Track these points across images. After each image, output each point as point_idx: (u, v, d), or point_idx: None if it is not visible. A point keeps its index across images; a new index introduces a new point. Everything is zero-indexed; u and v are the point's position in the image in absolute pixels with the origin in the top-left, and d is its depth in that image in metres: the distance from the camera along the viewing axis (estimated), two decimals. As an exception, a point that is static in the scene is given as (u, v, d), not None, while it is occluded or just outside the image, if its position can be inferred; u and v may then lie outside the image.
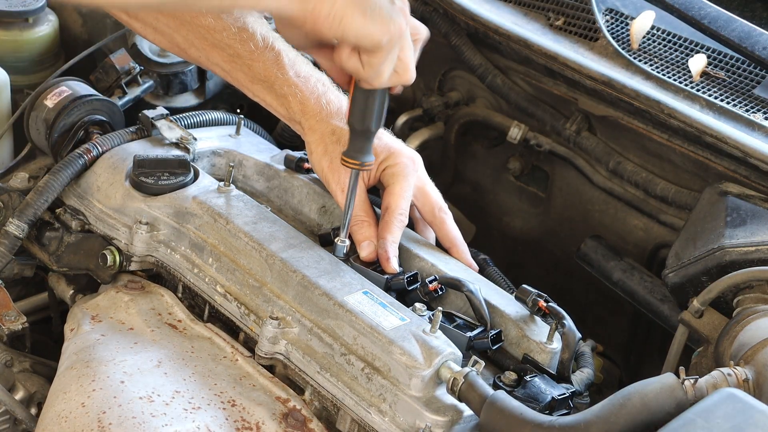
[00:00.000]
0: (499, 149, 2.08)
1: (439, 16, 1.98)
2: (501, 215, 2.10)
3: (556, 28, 1.89)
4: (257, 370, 1.41)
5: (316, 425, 1.34)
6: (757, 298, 1.40)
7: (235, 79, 1.54)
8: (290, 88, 1.52)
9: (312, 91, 1.53)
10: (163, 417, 1.28)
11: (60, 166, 1.58)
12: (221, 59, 1.51)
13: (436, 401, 1.27)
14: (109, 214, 1.56)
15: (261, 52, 1.50)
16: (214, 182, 1.56)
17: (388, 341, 1.29)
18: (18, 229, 1.54)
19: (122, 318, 1.48)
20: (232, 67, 1.52)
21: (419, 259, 1.52)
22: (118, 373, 1.34)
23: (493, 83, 1.95)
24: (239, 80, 1.54)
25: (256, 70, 1.51)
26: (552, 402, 1.31)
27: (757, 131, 1.62)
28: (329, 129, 1.51)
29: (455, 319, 1.43)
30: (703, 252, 1.51)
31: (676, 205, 1.76)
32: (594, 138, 1.86)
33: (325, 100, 1.53)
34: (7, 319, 1.54)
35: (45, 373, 1.58)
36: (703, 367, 1.40)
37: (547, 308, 1.41)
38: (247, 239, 1.45)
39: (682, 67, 1.77)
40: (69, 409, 1.30)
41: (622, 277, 1.74)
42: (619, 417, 1.15)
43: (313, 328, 1.36)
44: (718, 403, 1.11)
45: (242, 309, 1.43)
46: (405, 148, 1.57)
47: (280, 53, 1.51)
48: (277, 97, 1.53)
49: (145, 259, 1.54)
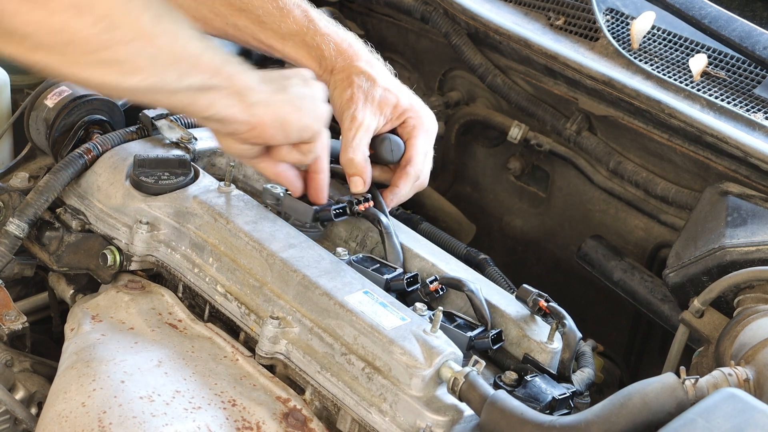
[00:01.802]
0: (499, 149, 2.08)
1: (439, 15, 1.98)
2: (501, 215, 2.10)
3: (557, 27, 1.89)
4: (258, 369, 1.41)
5: (317, 425, 1.34)
6: (757, 297, 1.40)
7: (263, 41, 1.59)
8: (323, 37, 1.58)
9: (343, 39, 1.60)
10: (163, 417, 1.28)
11: (60, 165, 1.58)
12: (249, 21, 1.57)
13: (436, 401, 1.26)
14: (109, 213, 1.56)
15: (290, 9, 1.57)
16: (215, 182, 1.56)
17: (388, 341, 1.29)
18: (18, 228, 1.54)
19: (122, 318, 1.48)
20: (261, 28, 1.57)
21: (420, 259, 1.52)
22: (119, 373, 1.34)
23: (494, 83, 1.95)
24: (268, 41, 1.59)
25: (286, 27, 1.57)
26: (552, 402, 1.31)
27: (757, 131, 1.62)
28: (358, 69, 1.57)
29: (456, 318, 1.43)
30: (704, 252, 1.50)
31: (677, 205, 1.76)
32: (594, 138, 1.86)
33: (357, 47, 1.61)
34: (7, 319, 1.54)
35: (45, 372, 1.58)
36: (703, 366, 1.40)
37: (547, 308, 1.41)
38: (248, 239, 1.44)
39: (682, 67, 1.77)
40: (69, 408, 1.30)
41: (622, 277, 1.74)
42: (619, 417, 1.15)
43: (314, 328, 1.36)
44: (719, 403, 1.11)
45: (243, 309, 1.43)
46: (424, 106, 1.63)
47: (307, 9, 1.59)
48: (309, 49, 1.58)
49: (145, 258, 1.54)
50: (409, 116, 1.59)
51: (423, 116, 1.61)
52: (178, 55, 1.23)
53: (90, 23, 1.13)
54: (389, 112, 1.57)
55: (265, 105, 1.34)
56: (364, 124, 1.54)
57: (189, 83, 1.26)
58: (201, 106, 1.30)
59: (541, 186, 2.04)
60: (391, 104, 1.56)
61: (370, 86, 1.56)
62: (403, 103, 1.58)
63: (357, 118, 1.54)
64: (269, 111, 1.35)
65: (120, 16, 1.16)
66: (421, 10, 2.00)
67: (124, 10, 1.16)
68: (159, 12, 1.21)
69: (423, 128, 1.60)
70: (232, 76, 1.30)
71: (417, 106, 1.61)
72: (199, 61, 1.26)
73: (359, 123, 1.53)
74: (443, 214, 2.00)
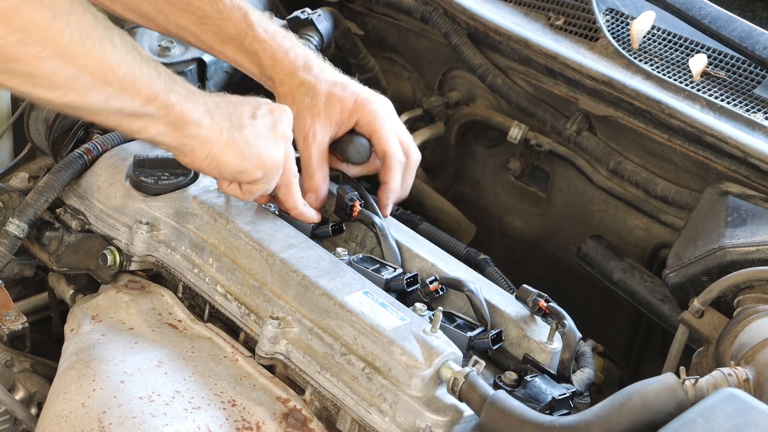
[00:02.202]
0: (499, 149, 2.08)
1: (439, 15, 1.98)
2: (501, 215, 2.10)
3: (557, 27, 1.88)
4: (257, 370, 1.41)
5: (317, 425, 1.34)
6: (757, 298, 1.40)
7: (205, 43, 1.56)
8: (260, 44, 1.55)
9: (280, 46, 1.56)
10: (163, 417, 1.28)
11: (60, 166, 1.58)
12: (190, 22, 1.54)
13: (436, 401, 1.26)
14: (109, 213, 1.56)
15: (230, 12, 1.53)
16: (214, 182, 1.56)
17: (388, 341, 1.29)
18: (18, 229, 1.54)
19: (122, 318, 1.48)
20: (202, 30, 1.54)
21: (419, 259, 1.52)
22: (119, 373, 1.34)
23: (494, 83, 1.95)
24: (209, 42, 1.56)
25: (226, 30, 1.54)
26: (552, 402, 1.31)
27: (757, 131, 1.62)
28: (298, 81, 1.55)
29: (456, 319, 1.43)
30: (704, 252, 1.50)
31: (677, 205, 1.76)
32: (594, 138, 1.86)
33: (293, 54, 1.56)
34: (7, 319, 1.54)
35: (45, 373, 1.58)
36: (703, 367, 1.40)
37: (547, 308, 1.41)
38: (248, 239, 1.44)
39: (682, 67, 1.77)
40: (69, 409, 1.30)
41: (622, 277, 1.74)
42: (619, 417, 1.15)
43: (314, 328, 1.36)
44: (719, 403, 1.11)
45: (242, 309, 1.43)
46: (372, 94, 1.60)
47: (247, 12, 1.55)
48: (248, 54, 1.56)
49: (145, 259, 1.54)
50: (361, 114, 1.57)
51: (373, 106, 1.58)
52: (103, 78, 1.18)
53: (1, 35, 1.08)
54: (338, 117, 1.55)
55: (202, 141, 1.32)
56: (317, 140, 1.53)
57: (118, 107, 1.22)
58: (132, 129, 1.28)
59: (541, 186, 2.04)
60: (338, 110, 1.55)
61: (312, 96, 1.53)
62: (347, 104, 1.55)
63: (308, 137, 1.53)
64: (205, 148, 1.33)
65: (37, 32, 1.11)
66: (421, 10, 2.00)
67: (44, 26, 1.11)
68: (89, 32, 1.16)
69: (379, 117, 1.58)
70: (170, 106, 1.27)
71: (363, 99, 1.57)
72: (132, 86, 1.22)
73: (310, 141, 1.53)
74: (443, 214, 2.00)
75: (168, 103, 1.26)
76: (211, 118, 1.33)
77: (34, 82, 1.15)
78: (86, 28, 1.16)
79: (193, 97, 1.31)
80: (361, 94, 1.58)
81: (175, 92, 1.28)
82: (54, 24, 1.12)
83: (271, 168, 1.41)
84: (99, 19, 1.18)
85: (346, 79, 1.58)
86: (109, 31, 1.19)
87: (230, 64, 1.60)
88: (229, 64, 1.62)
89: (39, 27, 1.11)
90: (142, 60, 1.23)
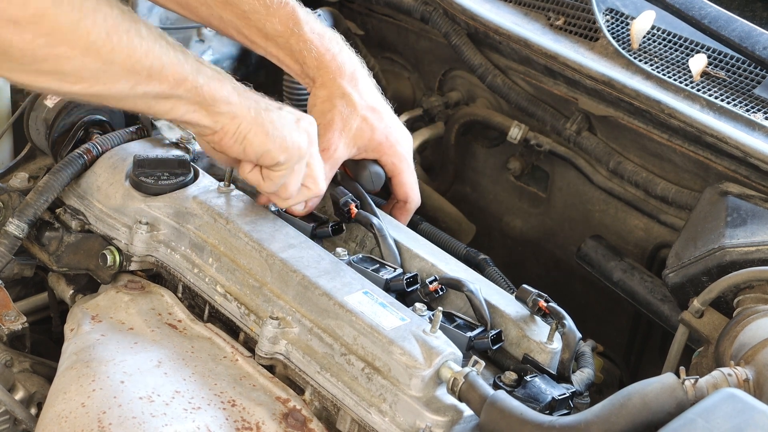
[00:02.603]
0: (499, 149, 2.08)
1: (439, 15, 1.98)
2: (501, 215, 2.10)
3: (557, 28, 1.89)
4: (257, 370, 1.40)
5: (316, 425, 1.33)
6: (757, 298, 1.40)
7: (247, 37, 1.55)
8: (305, 43, 1.54)
9: (327, 49, 1.55)
10: (163, 417, 1.28)
11: (60, 166, 1.58)
12: (234, 16, 1.53)
13: (436, 401, 1.26)
14: (109, 214, 1.56)
15: (276, 8, 1.52)
16: (214, 182, 1.56)
17: (388, 341, 1.29)
18: (18, 229, 1.54)
19: (122, 318, 1.48)
20: (246, 24, 1.53)
21: (419, 259, 1.52)
22: (118, 373, 1.34)
23: (494, 83, 1.95)
24: (252, 37, 1.55)
25: (271, 26, 1.53)
26: (552, 402, 1.31)
27: (757, 131, 1.62)
28: (341, 91, 1.54)
29: (455, 319, 1.43)
30: (704, 252, 1.50)
31: (677, 205, 1.76)
32: (594, 138, 1.86)
33: (340, 59, 1.55)
34: (7, 319, 1.54)
35: (45, 373, 1.58)
36: (703, 367, 1.40)
37: (547, 308, 1.41)
38: (247, 239, 1.44)
39: (682, 67, 1.77)
40: (69, 409, 1.30)
41: (622, 277, 1.74)
42: (619, 417, 1.15)
43: (313, 328, 1.36)
44: (719, 403, 1.11)
45: (242, 309, 1.43)
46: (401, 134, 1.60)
47: (294, 9, 1.54)
48: (291, 53, 1.55)
49: (145, 259, 1.54)
50: (388, 153, 1.58)
51: (401, 148, 1.59)
52: (131, 69, 1.20)
53: (28, 39, 1.09)
54: (364, 144, 1.56)
55: (231, 117, 1.32)
56: (335, 156, 1.53)
57: (146, 92, 1.23)
58: (160, 111, 1.29)
59: (540, 186, 2.04)
60: (366, 137, 1.55)
61: (350, 113, 1.53)
62: (377, 136, 1.56)
63: (329, 149, 1.52)
64: (233, 123, 1.33)
65: (64, 34, 1.11)
66: (421, 10, 2.00)
67: (72, 28, 1.12)
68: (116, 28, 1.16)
69: (404, 161, 1.60)
70: (198, 87, 1.28)
71: (393, 138, 1.59)
72: (160, 73, 1.23)
73: (330, 154, 1.52)
74: (443, 214, 2.00)
75: (196, 84, 1.27)
76: (239, 95, 1.33)
77: (62, 79, 1.17)
78: (113, 24, 1.16)
79: (220, 77, 1.31)
80: (393, 133, 1.59)
81: (203, 74, 1.28)
82: (81, 24, 1.13)
83: (294, 153, 1.39)
84: (125, 12, 1.18)
85: (384, 105, 1.59)
86: (135, 24, 1.20)
87: (271, 60, 1.58)
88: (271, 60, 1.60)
89: (66, 29, 1.12)
90: (169, 46, 1.24)
